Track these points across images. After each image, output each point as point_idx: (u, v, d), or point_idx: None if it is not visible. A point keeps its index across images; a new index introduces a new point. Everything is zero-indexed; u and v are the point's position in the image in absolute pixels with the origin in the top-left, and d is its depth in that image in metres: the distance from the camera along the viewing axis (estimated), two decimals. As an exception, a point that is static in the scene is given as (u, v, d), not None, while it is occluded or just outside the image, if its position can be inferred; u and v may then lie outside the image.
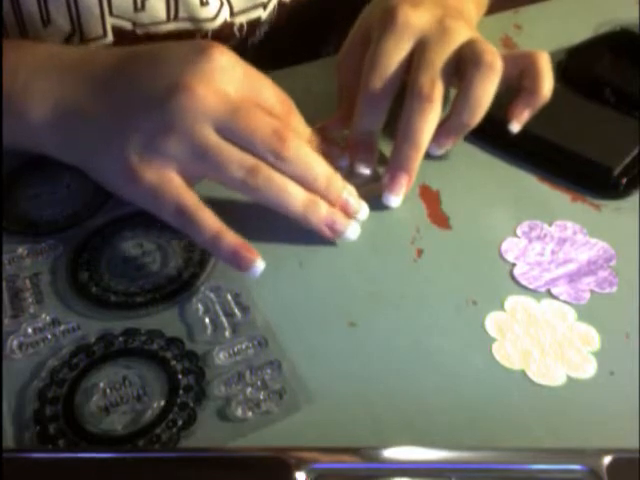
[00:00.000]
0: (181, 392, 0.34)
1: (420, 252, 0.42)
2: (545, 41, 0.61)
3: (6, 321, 0.38)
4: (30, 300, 0.39)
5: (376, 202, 0.46)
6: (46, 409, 0.34)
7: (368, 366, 0.36)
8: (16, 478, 0.28)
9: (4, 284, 0.40)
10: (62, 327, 0.38)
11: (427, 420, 0.34)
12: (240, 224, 0.44)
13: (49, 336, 0.37)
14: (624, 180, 0.46)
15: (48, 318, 0.38)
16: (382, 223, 0.45)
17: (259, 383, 0.35)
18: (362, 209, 0.43)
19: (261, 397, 0.34)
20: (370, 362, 0.36)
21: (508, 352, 0.37)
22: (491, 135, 0.50)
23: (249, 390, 0.34)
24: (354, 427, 0.34)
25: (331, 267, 0.42)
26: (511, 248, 0.42)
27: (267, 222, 0.44)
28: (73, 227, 0.43)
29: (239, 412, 0.34)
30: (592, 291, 0.40)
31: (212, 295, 0.39)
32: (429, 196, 0.46)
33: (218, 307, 0.38)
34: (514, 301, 0.39)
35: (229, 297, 0.39)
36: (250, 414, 0.34)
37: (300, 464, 0.29)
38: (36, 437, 0.33)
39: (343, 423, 0.34)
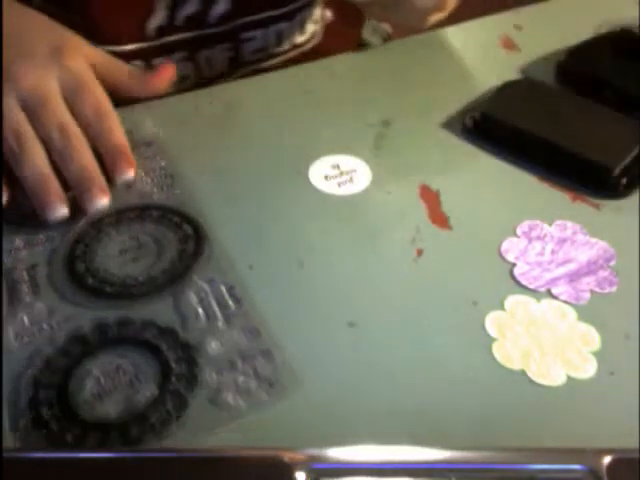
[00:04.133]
0: (174, 380, 0.35)
1: (420, 252, 0.42)
2: (545, 41, 0.61)
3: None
4: (26, 291, 0.40)
5: (376, 203, 0.46)
6: (40, 395, 0.34)
7: (368, 366, 0.36)
8: (16, 478, 0.28)
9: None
10: (58, 317, 0.38)
11: (427, 420, 0.34)
12: (240, 224, 0.44)
13: (45, 326, 0.38)
14: (624, 180, 0.46)
15: (44, 308, 0.39)
16: (382, 223, 0.45)
17: (250, 371, 0.35)
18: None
19: (252, 385, 0.35)
20: (370, 362, 0.36)
21: (508, 352, 0.37)
22: (491, 135, 0.50)
23: (240, 378, 0.35)
24: (354, 427, 0.34)
25: (331, 267, 0.42)
26: (511, 248, 0.42)
27: (267, 222, 0.44)
28: (70, 219, 0.44)
29: (230, 399, 0.34)
30: (592, 291, 0.40)
31: (206, 286, 0.40)
32: (429, 196, 0.46)
33: (212, 298, 0.39)
34: (514, 301, 0.39)
35: (223, 289, 0.40)
36: (241, 401, 0.34)
37: (300, 464, 0.29)
38: (30, 423, 0.33)
39: (343, 423, 0.34)
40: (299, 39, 0.65)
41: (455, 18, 0.65)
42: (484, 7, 0.65)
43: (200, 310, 0.38)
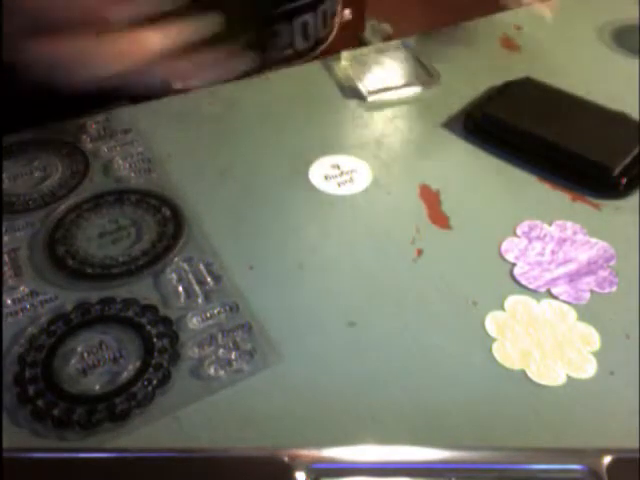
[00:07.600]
0: (156, 354, 0.36)
1: (420, 252, 0.42)
2: (545, 41, 0.61)
3: None
4: (9, 273, 0.40)
5: (376, 203, 0.46)
6: (25, 372, 0.35)
7: (368, 366, 0.36)
8: (16, 478, 0.28)
9: None
10: (40, 297, 0.39)
11: (427, 420, 0.34)
12: (241, 225, 0.44)
13: (28, 306, 0.38)
14: (624, 180, 0.46)
15: (27, 290, 0.39)
16: (382, 223, 0.45)
17: (230, 344, 0.36)
18: None
19: (232, 357, 0.36)
20: (370, 362, 0.36)
21: (508, 352, 0.37)
22: (491, 135, 0.50)
23: (221, 351, 0.36)
24: (354, 427, 0.34)
25: (331, 267, 0.42)
26: (511, 248, 0.42)
27: (267, 222, 0.44)
28: (49, 205, 0.45)
29: (211, 371, 0.35)
30: (592, 291, 0.40)
31: (185, 265, 0.41)
32: (429, 196, 0.46)
33: (191, 276, 0.40)
34: (514, 301, 0.39)
35: (201, 267, 0.40)
36: (222, 372, 0.35)
37: (300, 464, 0.29)
38: (16, 397, 0.34)
39: (343, 423, 0.34)
40: (321, 34, 0.65)
41: (455, 18, 0.65)
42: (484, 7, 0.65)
43: (180, 288, 0.39)
